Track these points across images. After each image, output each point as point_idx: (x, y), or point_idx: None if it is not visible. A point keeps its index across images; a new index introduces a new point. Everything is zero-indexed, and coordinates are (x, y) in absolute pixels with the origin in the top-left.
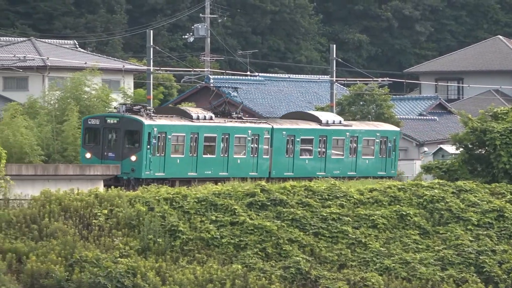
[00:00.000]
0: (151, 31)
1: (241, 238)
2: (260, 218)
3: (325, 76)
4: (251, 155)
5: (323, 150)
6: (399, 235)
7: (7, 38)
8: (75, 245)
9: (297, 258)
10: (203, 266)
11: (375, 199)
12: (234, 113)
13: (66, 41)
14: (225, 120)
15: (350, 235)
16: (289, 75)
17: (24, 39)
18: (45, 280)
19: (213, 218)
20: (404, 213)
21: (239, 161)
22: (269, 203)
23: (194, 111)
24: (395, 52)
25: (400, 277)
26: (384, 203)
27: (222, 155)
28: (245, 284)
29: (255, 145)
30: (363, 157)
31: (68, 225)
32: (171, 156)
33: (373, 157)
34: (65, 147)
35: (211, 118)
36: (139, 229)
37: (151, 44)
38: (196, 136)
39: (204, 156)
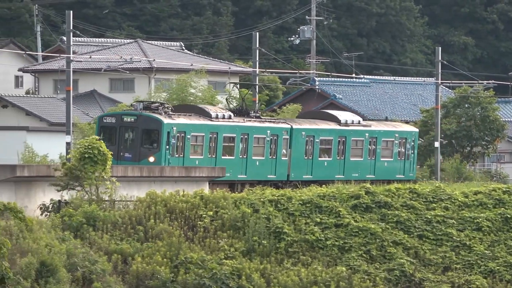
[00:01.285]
0: (257, 33)
1: (346, 240)
2: (364, 220)
3: (430, 79)
4: (270, 157)
5: (342, 151)
6: (504, 238)
7: (114, 39)
8: (180, 247)
9: (402, 260)
10: (307, 268)
11: (479, 202)
12: (252, 111)
13: (172, 43)
14: (244, 119)
15: (454, 237)
16: (394, 77)
17: (130, 40)
18: (150, 281)
19: (318, 220)
20: (509, 216)
21: (257, 163)
22: (373, 205)
23: (213, 109)
24: (500, 54)
25: (505, 280)
26: (489, 205)
27: (241, 156)
28: (350, 286)
29: (274, 146)
30: (382, 159)
31: (173, 226)
32: (190, 157)
33: (392, 159)
34: None
35: (230, 117)
36: (244, 231)
37: (257, 46)
38: (215, 136)
39: (223, 157)
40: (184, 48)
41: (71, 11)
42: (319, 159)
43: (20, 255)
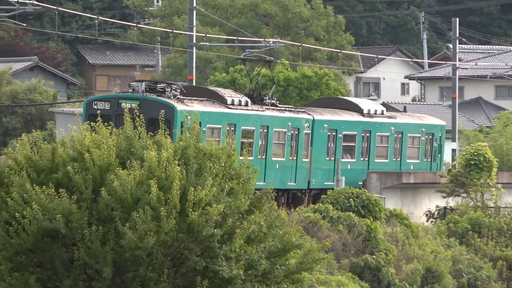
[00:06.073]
0: None
1: None
2: None
3: None
4: (290, 158)
5: (367, 150)
6: None
7: (499, 46)
8: None
9: None
10: None
11: None
12: (267, 97)
13: None
14: (262, 108)
15: None
16: None
17: None
18: None
19: None
20: None
21: (277, 166)
22: None
23: (227, 93)
24: None
25: None
26: None
27: (259, 157)
28: None
29: (295, 144)
30: (408, 160)
31: None
32: None
33: (418, 161)
34: None
35: (246, 104)
36: None
37: None
38: (233, 129)
39: (240, 158)
40: None
41: (457, 19)
42: (342, 160)
43: (406, 262)
